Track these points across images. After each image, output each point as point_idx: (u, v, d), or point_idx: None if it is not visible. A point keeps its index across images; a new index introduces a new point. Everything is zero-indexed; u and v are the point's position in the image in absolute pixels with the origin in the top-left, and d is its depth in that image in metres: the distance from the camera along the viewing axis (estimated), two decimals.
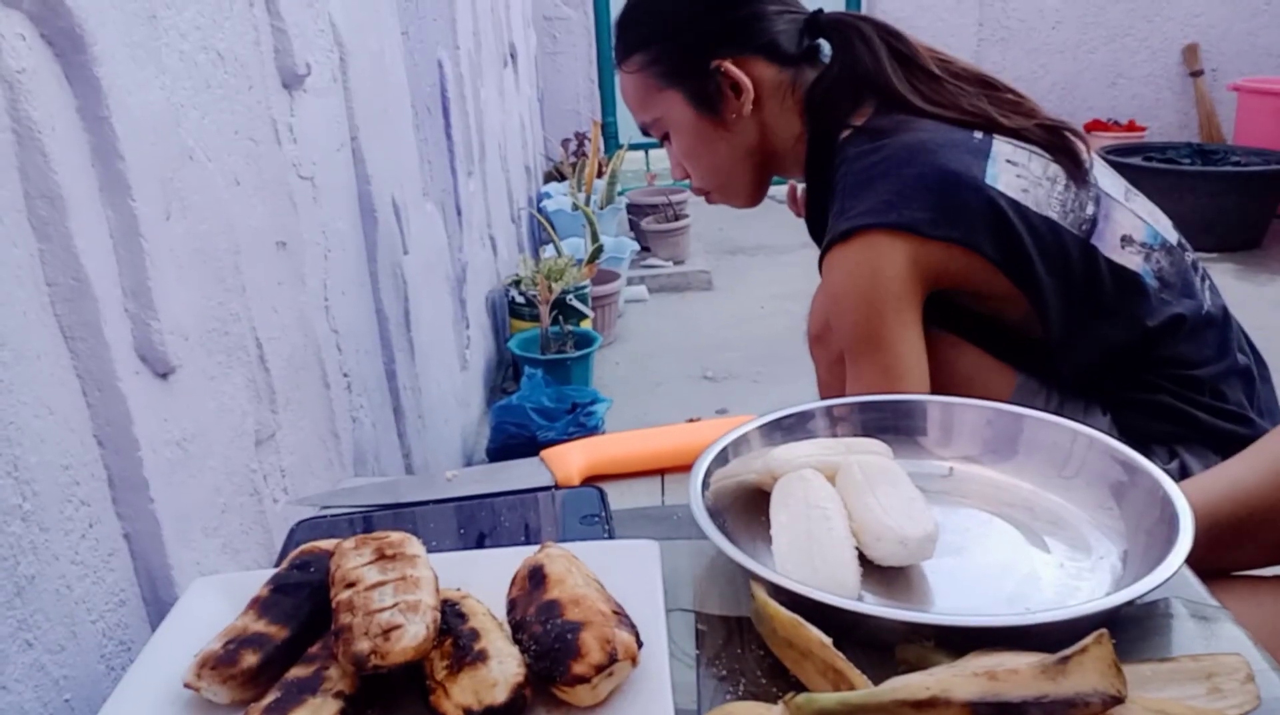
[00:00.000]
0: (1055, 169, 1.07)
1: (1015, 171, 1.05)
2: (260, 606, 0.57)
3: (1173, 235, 1.12)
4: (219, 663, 0.53)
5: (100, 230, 0.67)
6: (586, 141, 3.97)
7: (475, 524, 0.76)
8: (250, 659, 0.53)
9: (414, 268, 1.62)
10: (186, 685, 0.53)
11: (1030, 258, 1.02)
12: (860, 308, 1.04)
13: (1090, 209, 1.05)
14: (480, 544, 0.73)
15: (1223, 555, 0.80)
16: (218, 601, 0.62)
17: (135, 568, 0.71)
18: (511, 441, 1.93)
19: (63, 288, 0.64)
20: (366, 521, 0.77)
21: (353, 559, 0.57)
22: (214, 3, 0.87)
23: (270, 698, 0.51)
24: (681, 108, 1.19)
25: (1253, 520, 0.81)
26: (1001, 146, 1.06)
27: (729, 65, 1.14)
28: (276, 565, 0.63)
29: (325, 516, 0.78)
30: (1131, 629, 0.57)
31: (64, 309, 0.64)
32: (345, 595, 0.54)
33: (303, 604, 0.58)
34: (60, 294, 0.63)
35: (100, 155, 0.67)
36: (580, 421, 1.95)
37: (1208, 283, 1.13)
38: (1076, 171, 1.07)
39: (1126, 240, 1.06)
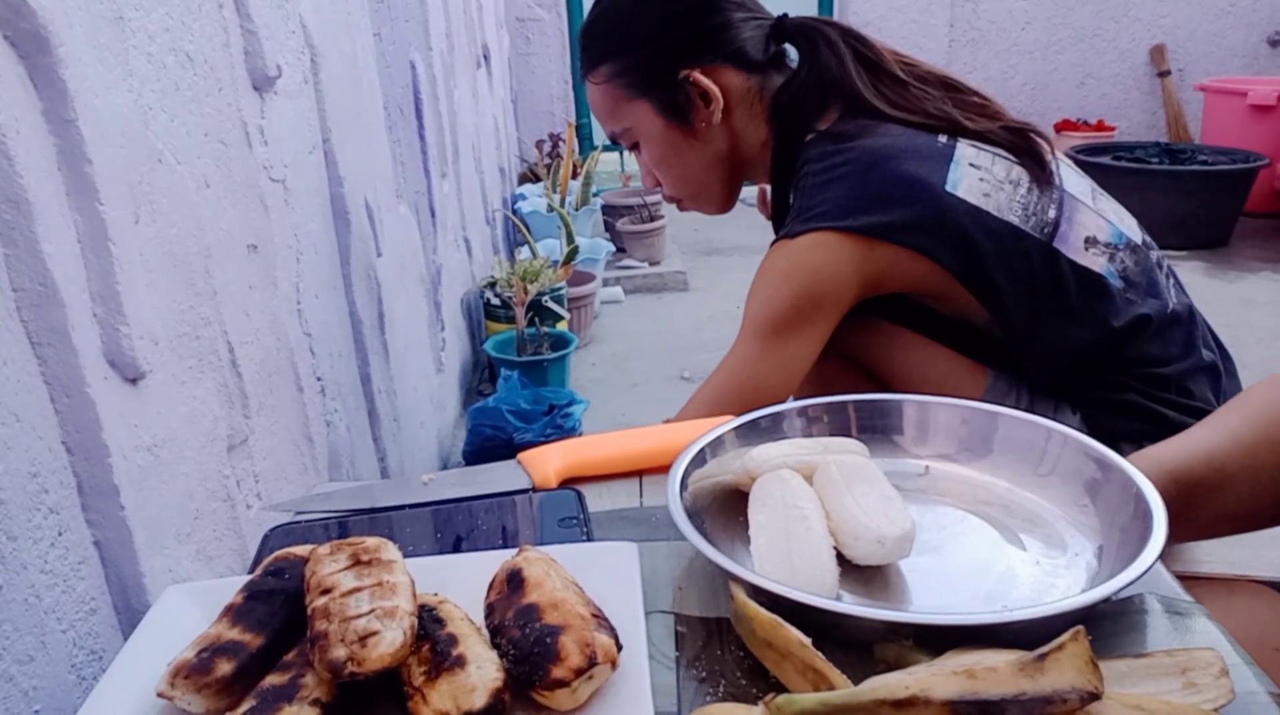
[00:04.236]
0: (1019, 172, 1.08)
1: (978, 175, 1.05)
2: (234, 614, 0.57)
3: (1138, 235, 1.13)
4: (193, 671, 0.52)
5: (68, 234, 0.66)
6: (561, 143, 3.96)
7: (452, 528, 0.75)
8: (225, 667, 0.53)
9: (388, 270, 1.61)
10: (160, 694, 0.52)
11: (987, 265, 1.03)
12: (786, 297, 1.06)
13: (1052, 212, 1.06)
14: (457, 548, 0.72)
15: (1187, 515, 0.80)
16: (191, 609, 0.61)
17: (106, 576, 0.70)
18: (488, 444, 1.92)
19: (29, 293, 0.63)
20: (342, 527, 0.76)
21: (328, 565, 0.56)
22: (183, 4, 0.86)
23: (245, 706, 0.50)
24: (651, 118, 1.18)
25: (1218, 481, 0.81)
26: (965, 150, 1.07)
27: (698, 75, 1.14)
28: (250, 572, 0.62)
29: (299, 522, 0.77)
30: (1107, 625, 0.58)
31: (30, 315, 0.63)
32: (321, 602, 0.53)
33: (277, 611, 0.57)
34: (26, 299, 0.62)
35: (67, 158, 0.66)
36: (557, 423, 1.95)
37: (1173, 281, 1.14)
38: (1040, 174, 1.08)
39: (1090, 241, 1.07)
